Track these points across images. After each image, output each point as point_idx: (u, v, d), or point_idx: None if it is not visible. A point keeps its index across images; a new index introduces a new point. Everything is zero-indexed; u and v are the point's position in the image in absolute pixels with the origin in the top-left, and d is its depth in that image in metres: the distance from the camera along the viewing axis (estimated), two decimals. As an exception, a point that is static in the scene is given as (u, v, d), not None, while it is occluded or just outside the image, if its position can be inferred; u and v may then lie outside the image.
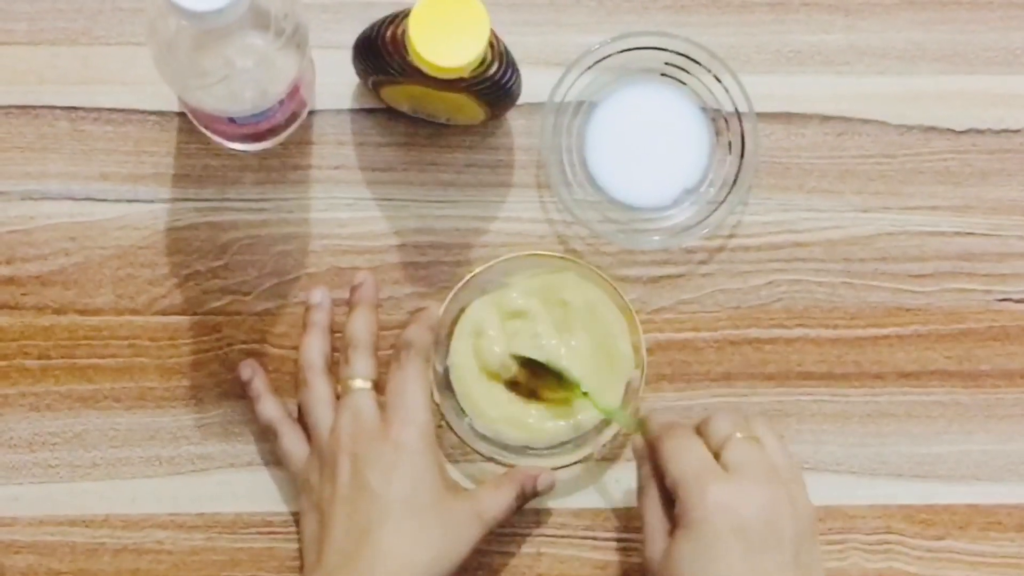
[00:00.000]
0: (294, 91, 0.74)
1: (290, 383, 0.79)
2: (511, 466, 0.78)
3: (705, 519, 0.66)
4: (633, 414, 0.78)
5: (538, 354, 0.77)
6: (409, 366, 0.74)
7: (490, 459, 0.78)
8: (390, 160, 0.81)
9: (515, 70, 0.75)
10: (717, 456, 0.69)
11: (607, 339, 0.78)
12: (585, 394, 0.76)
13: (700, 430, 0.72)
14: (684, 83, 0.81)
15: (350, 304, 0.77)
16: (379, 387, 0.75)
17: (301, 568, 0.76)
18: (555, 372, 0.77)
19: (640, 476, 0.73)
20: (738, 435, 0.70)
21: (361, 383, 0.74)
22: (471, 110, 0.76)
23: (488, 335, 0.77)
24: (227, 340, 0.80)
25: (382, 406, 0.74)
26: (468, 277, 0.78)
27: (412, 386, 0.74)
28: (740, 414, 0.73)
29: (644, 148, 0.80)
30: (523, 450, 0.78)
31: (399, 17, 0.72)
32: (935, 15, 0.83)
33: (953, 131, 0.83)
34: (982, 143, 0.83)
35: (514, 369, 0.78)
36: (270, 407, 0.77)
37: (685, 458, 0.69)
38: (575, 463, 0.78)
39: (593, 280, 0.78)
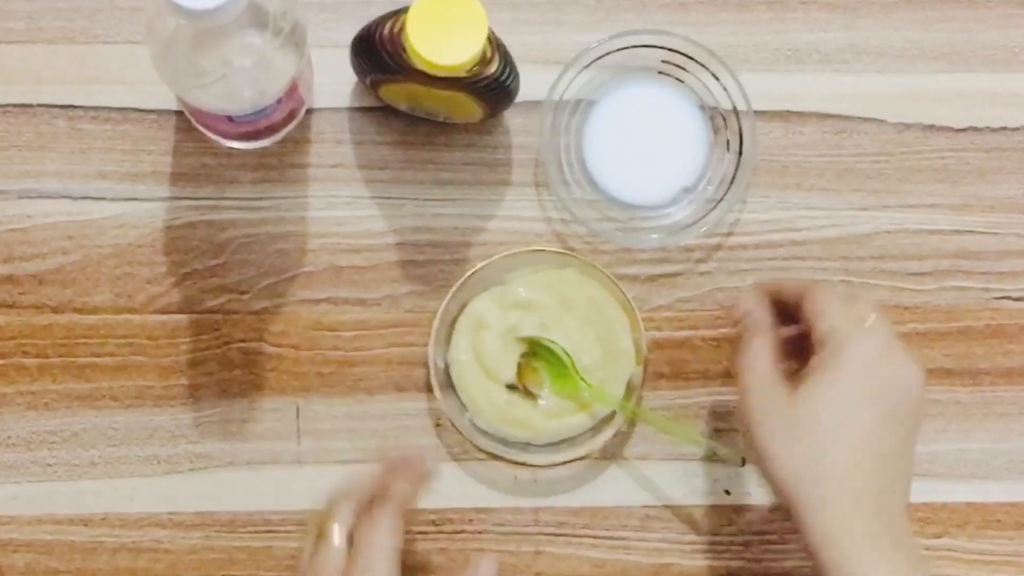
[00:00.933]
0: (292, 90, 0.74)
1: (288, 381, 0.79)
2: (513, 462, 0.78)
3: (855, 372, 0.66)
4: (634, 409, 0.78)
5: (542, 334, 0.77)
6: (383, 519, 0.68)
7: (492, 455, 0.78)
8: (388, 158, 0.81)
9: (513, 68, 0.74)
10: None
11: (609, 335, 0.78)
12: (582, 378, 0.76)
13: None
14: (682, 81, 0.80)
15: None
16: None
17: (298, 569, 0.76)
18: (558, 363, 0.77)
19: (748, 323, 0.71)
20: (875, 315, 0.69)
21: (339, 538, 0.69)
22: (469, 108, 0.76)
23: (489, 328, 0.78)
24: (225, 339, 0.80)
25: None
26: (470, 273, 0.78)
27: (380, 542, 0.67)
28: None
29: (642, 147, 0.80)
30: (524, 446, 0.78)
31: (397, 15, 0.71)
32: (934, 14, 0.83)
33: (952, 129, 0.83)
34: (980, 141, 0.83)
35: (517, 358, 0.78)
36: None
37: (843, 310, 0.68)
38: (574, 461, 0.79)
39: (595, 277, 0.78)
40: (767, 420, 0.67)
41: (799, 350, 0.70)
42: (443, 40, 0.68)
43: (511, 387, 0.78)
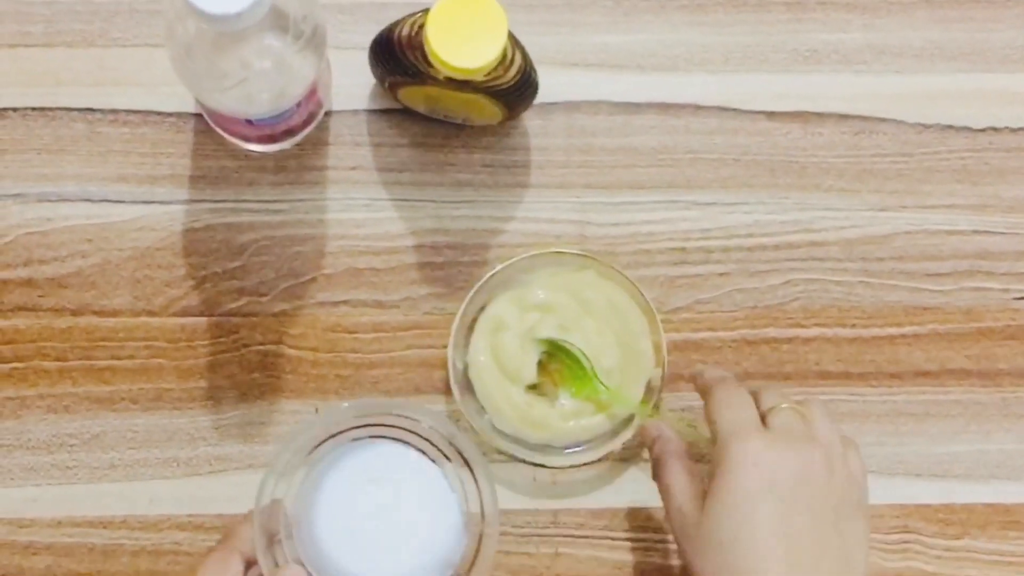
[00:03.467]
0: (311, 92, 0.74)
1: (307, 384, 0.79)
2: (532, 464, 0.78)
3: (743, 472, 0.66)
4: (653, 412, 0.78)
5: (562, 336, 0.77)
6: (207, 556, 0.68)
7: (511, 457, 0.78)
8: (406, 161, 0.81)
9: (532, 70, 0.74)
10: (763, 419, 0.69)
11: (628, 338, 0.78)
12: (600, 381, 0.76)
13: (752, 394, 0.71)
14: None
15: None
16: None
17: None
18: (576, 365, 0.77)
19: (657, 450, 0.72)
20: (784, 405, 0.69)
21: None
22: (488, 111, 0.76)
23: (508, 329, 0.77)
24: (244, 341, 0.80)
25: None
26: (489, 275, 0.78)
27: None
28: (787, 393, 0.72)
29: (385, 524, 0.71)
30: (543, 448, 0.78)
31: (416, 18, 0.71)
32: (953, 13, 0.83)
33: (971, 129, 0.83)
34: (1000, 141, 0.83)
35: (536, 359, 0.78)
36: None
37: (734, 411, 0.69)
38: (593, 462, 0.79)
39: (614, 279, 0.78)
40: (685, 542, 0.68)
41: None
42: (463, 43, 0.68)
43: (531, 388, 0.78)
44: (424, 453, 0.71)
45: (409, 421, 0.70)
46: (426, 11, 0.68)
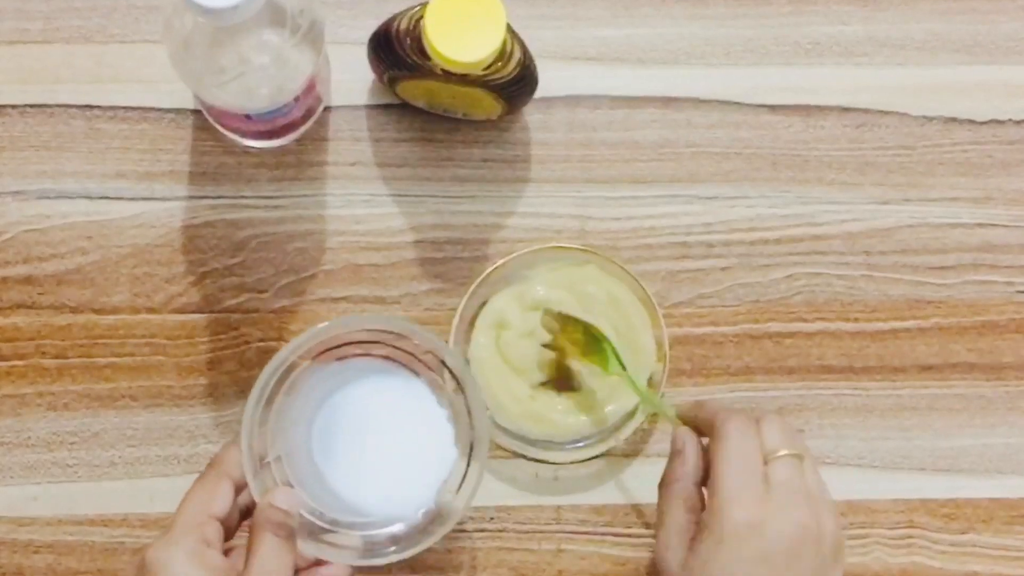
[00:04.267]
0: (310, 87, 0.74)
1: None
2: (534, 460, 0.78)
3: (734, 534, 0.65)
4: (655, 403, 0.77)
5: (574, 310, 0.76)
6: (195, 482, 0.68)
7: (513, 453, 0.78)
8: (406, 156, 0.81)
9: (532, 64, 0.74)
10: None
11: (629, 332, 0.78)
12: (608, 349, 0.75)
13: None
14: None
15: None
16: None
17: None
18: (585, 335, 0.76)
19: (670, 472, 0.71)
20: (784, 451, 0.68)
21: None
22: (488, 105, 0.76)
23: (511, 327, 0.77)
24: (244, 338, 0.79)
25: None
26: (490, 270, 0.78)
27: (184, 500, 0.67)
28: (788, 425, 0.70)
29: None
30: (545, 444, 0.78)
31: (414, 12, 0.71)
32: (955, 5, 0.83)
33: (974, 122, 0.82)
34: (1003, 134, 0.82)
35: (537, 353, 0.77)
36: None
37: (738, 464, 0.67)
38: (596, 458, 0.78)
39: (615, 274, 0.78)
40: (665, 568, 0.67)
41: None
42: (462, 37, 0.67)
43: (542, 384, 0.78)
44: (416, 373, 0.70)
45: (398, 338, 0.69)
46: (424, 5, 0.68)
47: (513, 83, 0.73)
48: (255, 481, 0.66)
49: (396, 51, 0.72)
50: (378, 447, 0.70)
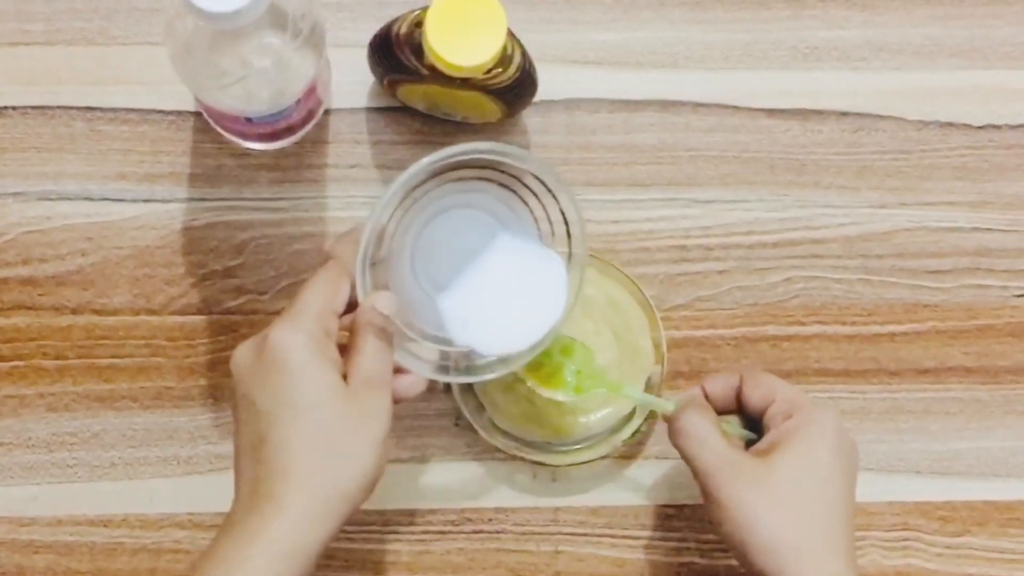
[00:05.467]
0: (310, 90, 0.74)
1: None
2: (532, 462, 0.78)
3: (835, 435, 0.69)
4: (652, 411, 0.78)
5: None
6: (318, 273, 0.67)
7: (511, 455, 0.78)
8: (406, 158, 0.81)
9: (532, 68, 0.74)
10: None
11: (628, 335, 0.78)
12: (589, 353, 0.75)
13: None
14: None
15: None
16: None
17: None
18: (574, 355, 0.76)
19: (689, 424, 0.70)
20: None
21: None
22: (487, 109, 0.76)
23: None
24: (244, 340, 0.79)
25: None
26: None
27: (308, 288, 0.66)
28: None
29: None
30: (543, 445, 0.78)
31: (415, 15, 0.71)
32: (952, 10, 0.83)
33: (970, 126, 0.83)
34: (1000, 138, 0.83)
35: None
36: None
37: (790, 387, 0.71)
38: (594, 460, 0.78)
39: (614, 276, 0.78)
40: (745, 487, 0.68)
41: None
42: (462, 41, 0.68)
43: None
44: (516, 194, 0.70)
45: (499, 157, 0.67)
46: (425, 8, 0.68)
47: (513, 87, 0.73)
48: (362, 280, 0.65)
49: (396, 55, 0.72)
50: (491, 282, 0.70)
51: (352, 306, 0.66)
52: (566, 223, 0.70)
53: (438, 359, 0.71)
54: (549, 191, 0.69)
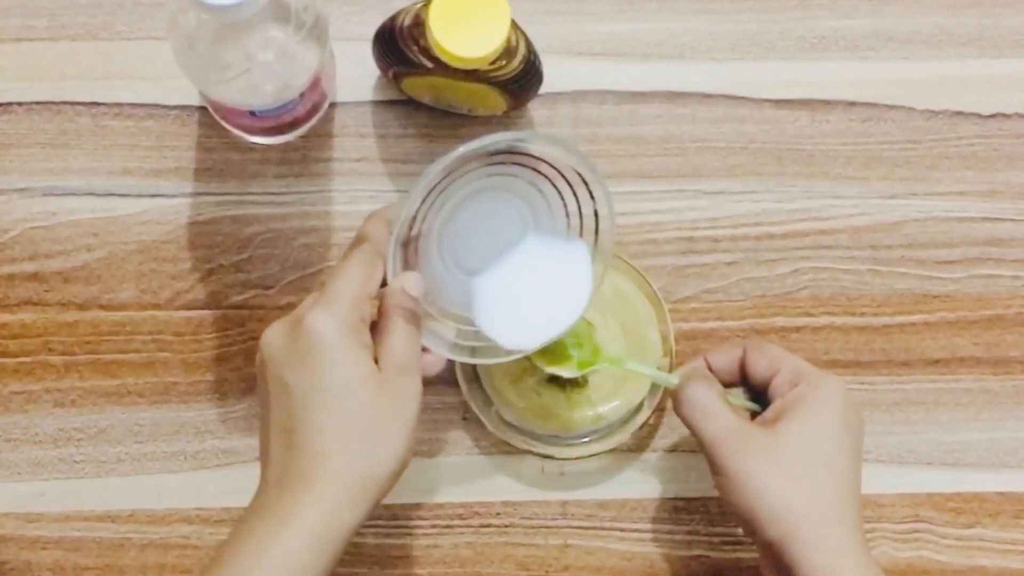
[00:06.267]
0: (315, 84, 0.74)
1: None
2: (540, 455, 0.78)
3: (841, 403, 0.69)
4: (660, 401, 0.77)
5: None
6: (352, 255, 0.67)
7: (519, 448, 0.78)
8: (411, 152, 0.81)
9: (537, 60, 0.74)
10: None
11: (635, 327, 0.78)
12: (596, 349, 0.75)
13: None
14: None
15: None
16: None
17: None
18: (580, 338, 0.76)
19: (694, 394, 0.70)
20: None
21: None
22: (492, 100, 0.76)
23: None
24: (250, 334, 0.79)
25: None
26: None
27: (343, 272, 0.65)
28: None
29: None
30: (551, 439, 0.78)
31: (419, 8, 0.71)
32: (961, -1, 0.83)
33: (980, 116, 0.82)
34: (1009, 127, 0.82)
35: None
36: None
37: (795, 356, 0.71)
38: (602, 453, 0.78)
39: (621, 269, 0.78)
40: (752, 457, 0.67)
41: None
42: (466, 32, 0.67)
43: (548, 379, 0.78)
44: (548, 180, 0.69)
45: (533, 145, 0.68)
46: (429, 0, 0.68)
47: (518, 79, 0.73)
48: (393, 262, 0.65)
49: (400, 48, 0.72)
50: (519, 278, 0.70)
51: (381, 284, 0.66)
52: (596, 217, 0.69)
53: (455, 337, 0.70)
54: (585, 183, 0.68)
